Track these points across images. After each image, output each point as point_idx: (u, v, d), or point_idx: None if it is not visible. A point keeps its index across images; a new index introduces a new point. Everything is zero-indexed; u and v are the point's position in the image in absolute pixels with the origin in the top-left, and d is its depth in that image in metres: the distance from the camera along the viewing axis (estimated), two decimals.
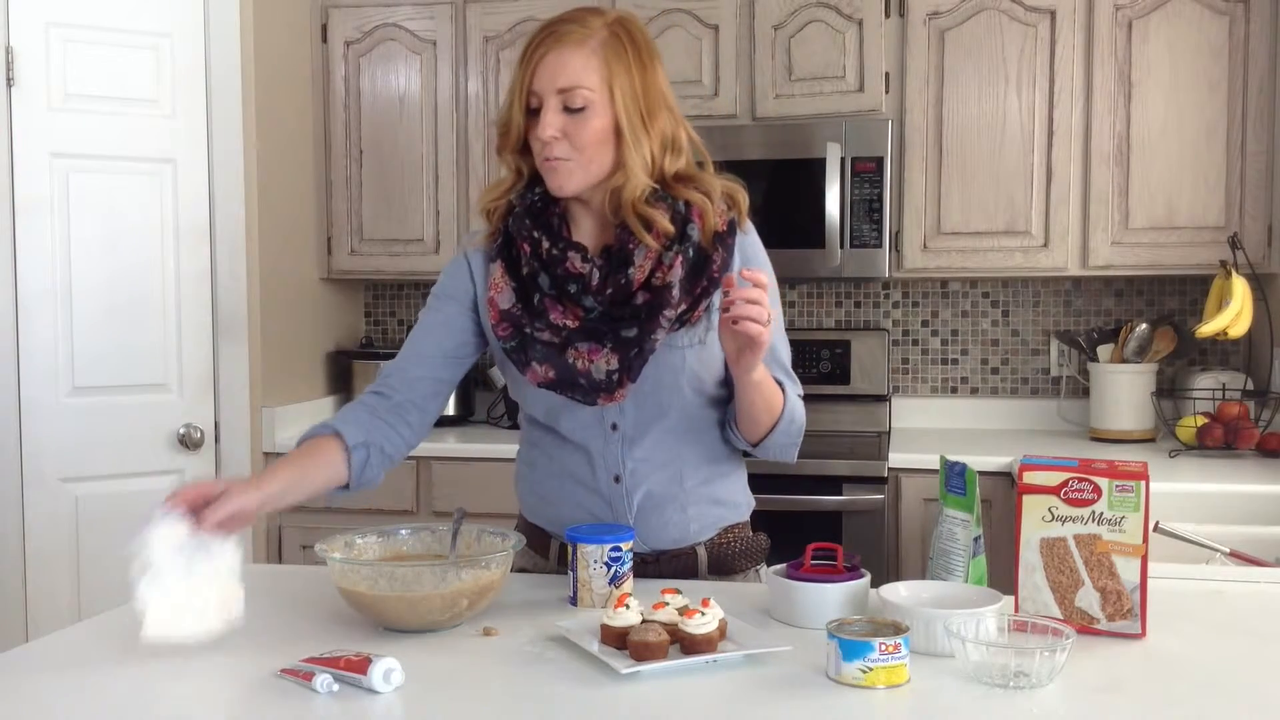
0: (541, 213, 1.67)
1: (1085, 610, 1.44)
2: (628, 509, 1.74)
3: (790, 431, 1.72)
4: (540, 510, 1.83)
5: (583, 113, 1.59)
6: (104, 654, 1.42)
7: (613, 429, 1.72)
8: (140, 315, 3.09)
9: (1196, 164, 3.16)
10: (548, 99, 1.59)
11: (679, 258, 1.62)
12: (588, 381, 1.63)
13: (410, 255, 3.61)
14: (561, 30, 1.60)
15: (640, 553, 1.74)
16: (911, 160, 3.30)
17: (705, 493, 1.77)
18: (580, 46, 1.59)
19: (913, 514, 3.01)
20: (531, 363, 1.65)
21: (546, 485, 1.80)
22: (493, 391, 3.71)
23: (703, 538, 1.78)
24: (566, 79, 1.58)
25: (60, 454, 2.99)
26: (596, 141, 1.60)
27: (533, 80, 1.60)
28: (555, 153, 1.60)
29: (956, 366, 3.66)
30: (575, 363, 1.63)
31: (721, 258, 1.65)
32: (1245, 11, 3.11)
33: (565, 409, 1.71)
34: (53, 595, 2.97)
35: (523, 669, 1.35)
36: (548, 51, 1.59)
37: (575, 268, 1.63)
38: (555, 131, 1.59)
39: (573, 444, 1.75)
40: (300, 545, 3.32)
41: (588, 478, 1.75)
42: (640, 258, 1.62)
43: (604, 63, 1.59)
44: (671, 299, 1.61)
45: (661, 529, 1.75)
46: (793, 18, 3.32)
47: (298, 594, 1.68)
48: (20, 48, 2.90)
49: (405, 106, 3.58)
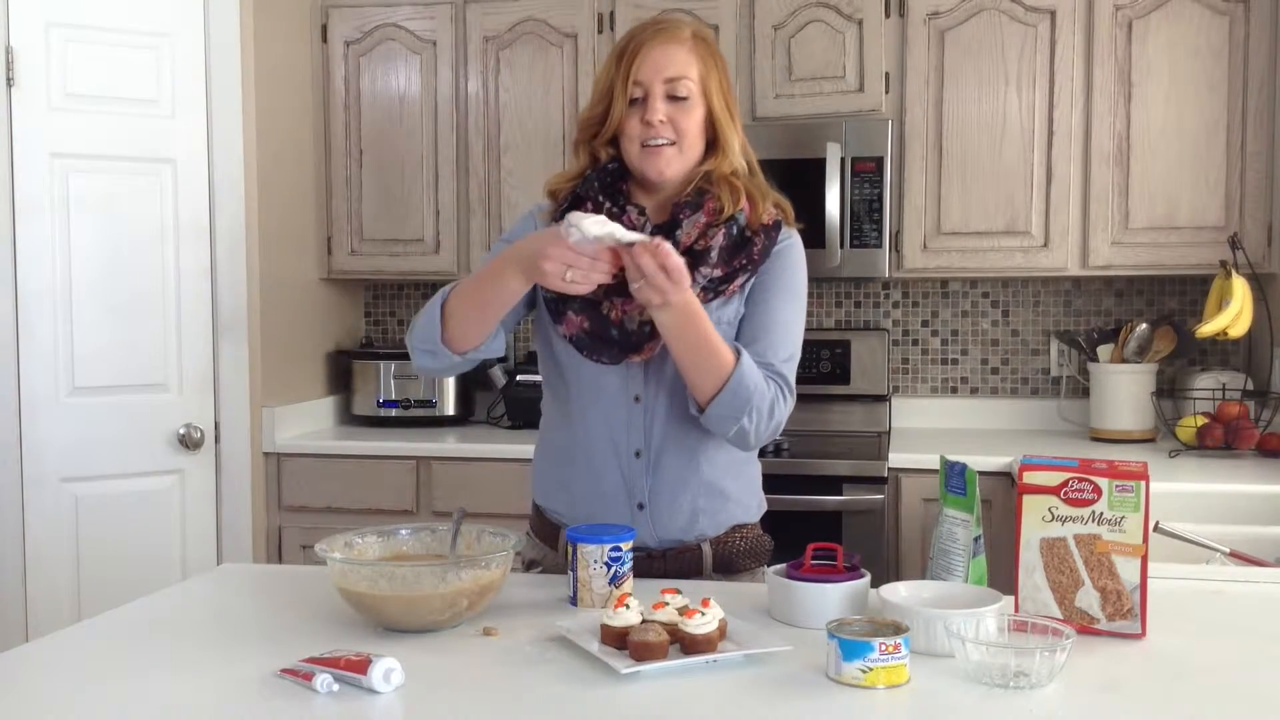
0: (612, 184, 1.78)
1: (1085, 610, 1.44)
2: (644, 488, 1.77)
3: (734, 402, 1.66)
4: (555, 494, 1.85)
5: (685, 102, 1.73)
6: (104, 654, 1.42)
7: (635, 400, 1.76)
8: (140, 315, 3.09)
9: (1196, 164, 3.16)
10: (654, 87, 1.72)
11: (722, 230, 1.73)
12: (619, 333, 1.71)
13: (410, 255, 3.61)
14: (657, 30, 1.75)
15: (646, 547, 1.76)
16: (911, 160, 3.30)
17: (719, 485, 1.79)
18: (680, 42, 1.74)
19: (913, 514, 3.01)
20: (568, 313, 1.73)
21: (564, 464, 1.82)
22: (493, 392, 3.71)
23: (709, 534, 1.80)
24: (673, 69, 1.72)
25: (60, 454, 2.99)
26: (696, 130, 1.74)
27: (638, 71, 1.72)
28: (662, 135, 1.72)
29: (956, 366, 3.66)
30: (609, 314, 1.71)
31: (763, 244, 1.76)
32: (1245, 12, 3.11)
33: (591, 377, 1.76)
34: (53, 595, 2.97)
35: (523, 669, 1.35)
36: (652, 47, 1.73)
37: (632, 220, 1.72)
38: (664, 116, 1.71)
39: (595, 418, 1.78)
40: (300, 545, 3.32)
41: (608, 452, 1.77)
42: (688, 226, 1.73)
43: (700, 61, 1.75)
44: (709, 260, 1.71)
45: (672, 516, 1.77)
46: (793, 18, 3.32)
47: (298, 594, 1.68)
48: (20, 48, 2.90)
49: (405, 106, 3.59)
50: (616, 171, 1.79)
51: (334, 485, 3.34)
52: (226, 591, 1.76)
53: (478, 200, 3.55)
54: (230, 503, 3.25)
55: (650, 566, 1.76)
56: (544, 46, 3.48)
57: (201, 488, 3.20)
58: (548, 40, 3.48)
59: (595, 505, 1.78)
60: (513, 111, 3.51)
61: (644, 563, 1.74)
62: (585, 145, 1.80)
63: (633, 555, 1.62)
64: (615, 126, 1.74)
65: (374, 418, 3.64)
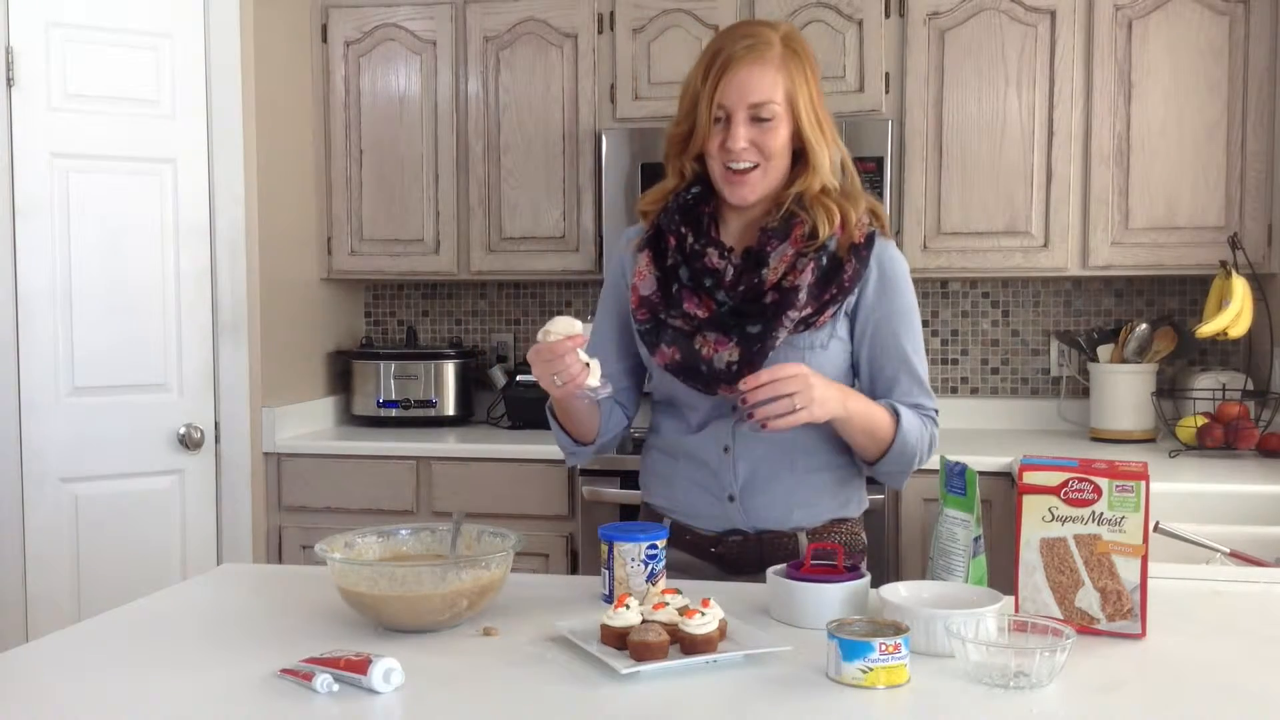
0: (693, 209, 1.79)
1: (1085, 610, 1.44)
2: (733, 480, 1.79)
3: (900, 460, 1.77)
4: (657, 489, 1.90)
5: (770, 123, 1.72)
6: (104, 654, 1.43)
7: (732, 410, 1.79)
8: (140, 315, 3.09)
9: (1196, 164, 3.16)
10: (737, 113, 1.71)
11: (811, 264, 1.73)
12: (709, 369, 1.73)
13: (410, 255, 3.61)
14: (744, 47, 1.71)
15: (742, 530, 1.80)
16: (911, 160, 3.30)
17: (816, 480, 1.81)
18: (766, 64, 1.71)
19: (913, 514, 3.01)
20: (661, 344, 1.77)
21: (662, 463, 1.88)
22: (493, 392, 3.71)
23: (806, 525, 1.82)
24: (758, 95, 1.70)
25: (60, 454, 2.99)
26: (782, 148, 1.74)
27: (722, 94, 1.71)
28: (744, 160, 1.72)
29: (956, 366, 3.66)
30: (701, 349, 1.74)
31: (854, 268, 1.75)
32: (1245, 12, 3.11)
33: (685, 393, 1.80)
34: (53, 595, 2.97)
35: (523, 669, 1.35)
36: (737, 69, 1.70)
37: (713, 263, 1.75)
38: (745, 143, 1.71)
39: (688, 419, 1.83)
40: (300, 545, 3.32)
41: (698, 449, 1.81)
42: (775, 260, 1.73)
43: (788, 77, 1.72)
44: (797, 301, 1.72)
45: (765, 507, 1.80)
46: (793, 18, 3.31)
47: (298, 594, 1.68)
48: (20, 48, 2.90)
49: (405, 106, 3.59)
50: (699, 195, 1.79)
51: (334, 485, 3.34)
52: (226, 591, 1.76)
53: (478, 200, 3.55)
54: (230, 503, 3.25)
55: (745, 550, 1.80)
56: (544, 46, 3.48)
57: (201, 488, 3.20)
58: (548, 40, 3.48)
59: (695, 500, 1.84)
60: (513, 111, 3.51)
61: (739, 545, 1.80)
62: (674, 161, 1.81)
63: (729, 540, 1.72)
64: (700, 144, 1.75)
65: (374, 418, 3.64)
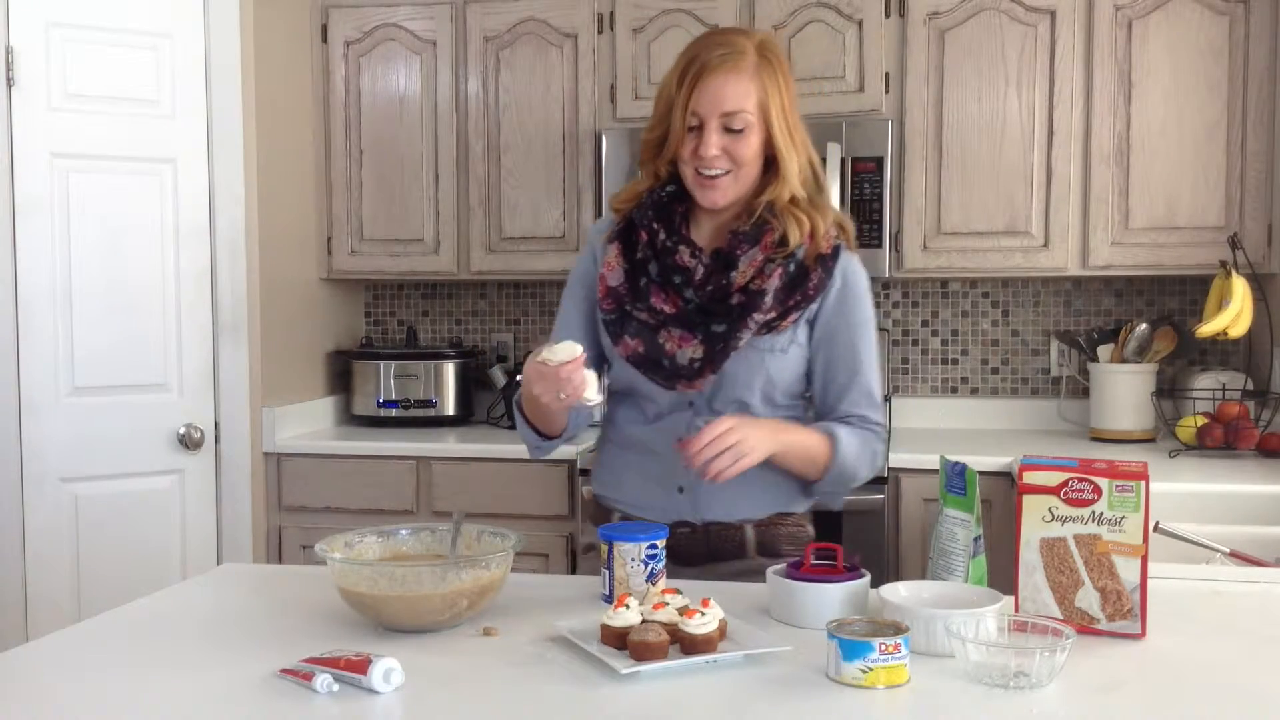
0: (666, 207, 1.82)
1: (1085, 610, 1.44)
2: (684, 471, 1.79)
3: (839, 482, 1.84)
4: (607, 481, 1.93)
5: (742, 133, 1.74)
6: (104, 654, 1.43)
7: (689, 405, 1.83)
8: (140, 315, 3.09)
9: (1196, 164, 3.16)
10: (710, 121, 1.73)
11: (779, 270, 1.77)
12: (670, 364, 1.77)
13: (410, 255, 3.61)
14: (719, 56, 1.73)
15: (689, 521, 1.81)
16: (911, 160, 3.30)
17: (762, 474, 1.80)
18: (739, 72, 1.73)
19: (913, 514, 3.01)
20: (624, 336, 1.81)
21: (614, 455, 1.91)
22: (493, 392, 3.71)
23: (752, 517, 1.84)
24: (730, 104, 1.72)
25: (60, 454, 2.99)
26: (753, 155, 1.76)
27: (696, 102, 1.73)
28: (716, 167, 1.74)
29: (956, 366, 3.66)
30: (665, 344, 1.78)
31: (819, 277, 1.79)
32: (1245, 12, 3.11)
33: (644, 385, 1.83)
34: (53, 595, 2.97)
35: (523, 669, 1.35)
36: (712, 78, 1.72)
37: (684, 261, 1.79)
38: (717, 150, 1.73)
39: (645, 411, 1.85)
40: (300, 545, 3.32)
41: (653, 440, 1.84)
42: (745, 264, 1.76)
43: (761, 86, 1.74)
44: (763, 305, 1.75)
45: (712, 499, 1.81)
46: (793, 18, 3.32)
47: (298, 594, 1.68)
48: (20, 48, 2.90)
49: (405, 106, 3.59)
50: (674, 194, 1.82)
51: (334, 485, 3.34)
52: (226, 591, 1.76)
53: (478, 200, 3.55)
54: (230, 503, 3.25)
55: (693, 543, 1.81)
56: (544, 46, 3.48)
57: (201, 488, 3.20)
58: (548, 40, 3.48)
59: (640, 491, 1.86)
60: (513, 111, 3.51)
61: (687, 538, 1.81)
62: (649, 164, 1.83)
63: (677, 531, 1.74)
64: (674, 150, 1.77)
65: (374, 418, 3.64)
